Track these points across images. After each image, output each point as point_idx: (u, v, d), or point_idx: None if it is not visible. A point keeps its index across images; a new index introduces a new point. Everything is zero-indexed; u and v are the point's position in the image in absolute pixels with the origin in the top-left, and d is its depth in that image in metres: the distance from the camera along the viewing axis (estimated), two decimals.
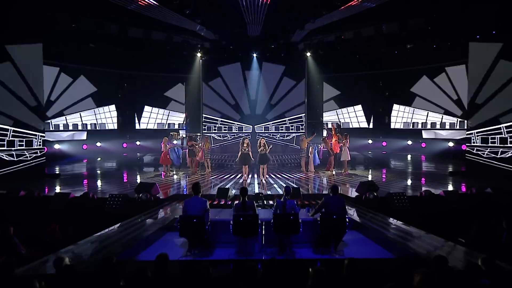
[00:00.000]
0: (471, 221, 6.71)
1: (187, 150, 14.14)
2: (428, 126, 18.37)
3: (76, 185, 11.57)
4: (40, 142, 13.06)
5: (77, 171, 15.28)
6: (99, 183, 12.56)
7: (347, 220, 6.38)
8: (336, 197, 6.58)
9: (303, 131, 19.22)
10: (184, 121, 20.44)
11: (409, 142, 18.54)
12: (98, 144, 18.03)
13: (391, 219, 7.69)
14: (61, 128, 17.43)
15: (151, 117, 20.45)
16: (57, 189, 11.06)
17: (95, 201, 9.24)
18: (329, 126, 15.70)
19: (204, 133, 18.96)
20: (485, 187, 9.71)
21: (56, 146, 16.43)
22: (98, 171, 15.28)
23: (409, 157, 18.35)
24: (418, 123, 18.76)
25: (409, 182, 12.26)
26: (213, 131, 19.68)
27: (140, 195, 9.13)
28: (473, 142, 13.02)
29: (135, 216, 7.88)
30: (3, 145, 12.39)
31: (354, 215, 7.95)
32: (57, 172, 14.05)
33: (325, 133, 15.00)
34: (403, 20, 15.02)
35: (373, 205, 8.70)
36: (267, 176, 12.60)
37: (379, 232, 6.84)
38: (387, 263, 5.78)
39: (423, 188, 10.37)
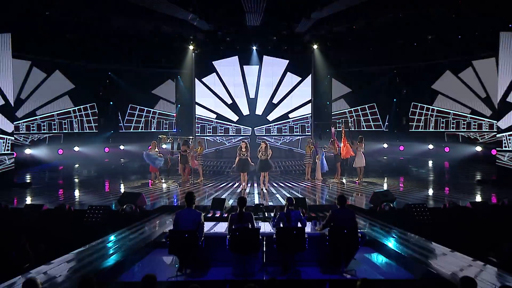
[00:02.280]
0: (503, 237, 6.68)
1: (179, 155, 14.15)
2: (452, 128, 18.39)
3: (50, 195, 11.54)
4: (8, 146, 13.03)
5: (52, 180, 15.25)
6: (76, 193, 12.53)
7: (359, 235, 6.35)
8: (344, 209, 6.56)
9: (309, 134, 19.24)
10: (174, 122, 20.46)
11: (430, 146, 18.55)
12: (76, 148, 18.03)
13: (410, 234, 7.67)
14: (33, 130, 17.43)
15: (137, 118, 20.47)
16: (28, 200, 11.03)
17: (72, 214, 9.21)
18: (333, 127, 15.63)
19: (197, 136, 18.97)
20: None
21: (27, 151, 16.41)
22: (76, 180, 15.25)
23: (430, 163, 18.35)
24: (440, 124, 18.78)
25: (430, 191, 12.24)
26: (207, 134, 19.69)
27: (124, 206, 9.11)
28: (505, 146, 13.00)
29: (118, 231, 7.87)
30: None
31: (368, 230, 7.93)
32: (28, 181, 14.02)
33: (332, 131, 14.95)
34: (424, 7, 15.03)
35: (389, 218, 8.69)
36: (269, 184, 12.59)
37: (396, 249, 6.82)
38: (406, 284, 5.74)
39: (447, 199, 10.34)
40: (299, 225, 6.46)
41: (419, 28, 16.23)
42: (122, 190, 12.36)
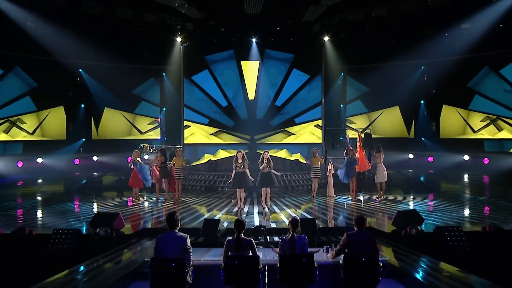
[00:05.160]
0: None
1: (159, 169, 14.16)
2: (493, 135, 18.39)
3: (6, 217, 11.51)
4: None
5: (8, 198, 15.21)
6: (39, 213, 12.50)
7: (380, 264, 6.34)
8: (362, 232, 6.56)
9: (319, 142, 19.24)
10: (160, 128, 20.51)
11: (466, 157, 18.55)
12: (39, 160, 18.02)
13: (442, 263, 7.66)
14: None
15: (113, 123, 20.50)
16: None
17: (34, 239, 9.18)
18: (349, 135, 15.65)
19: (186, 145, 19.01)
20: None
21: None
22: (39, 198, 15.23)
23: (466, 177, 18.33)
24: (477, 130, 18.79)
25: (466, 212, 12.22)
26: (198, 142, 19.73)
27: (98, 230, 9.08)
28: None
29: (90, 259, 7.84)
30: None
31: (390, 257, 7.91)
32: None
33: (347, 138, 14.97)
34: None
35: (416, 243, 8.67)
36: (271, 203, 12.58)
37: (426, 281, 6.79)
38: None
39: (487, 221, 10.33)
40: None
41: (450, 15, 16.25)
42: (95, 210, 12.35)
